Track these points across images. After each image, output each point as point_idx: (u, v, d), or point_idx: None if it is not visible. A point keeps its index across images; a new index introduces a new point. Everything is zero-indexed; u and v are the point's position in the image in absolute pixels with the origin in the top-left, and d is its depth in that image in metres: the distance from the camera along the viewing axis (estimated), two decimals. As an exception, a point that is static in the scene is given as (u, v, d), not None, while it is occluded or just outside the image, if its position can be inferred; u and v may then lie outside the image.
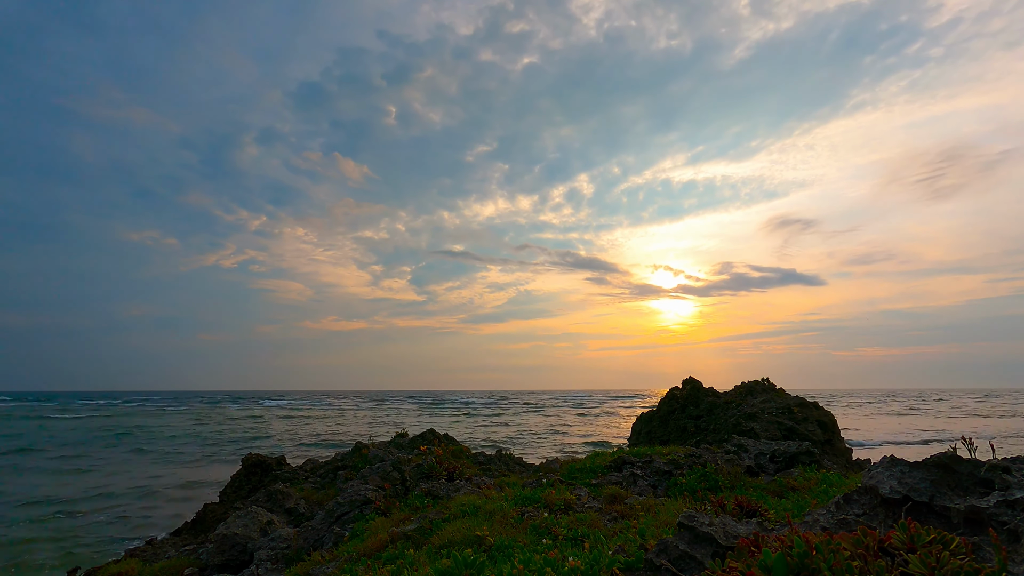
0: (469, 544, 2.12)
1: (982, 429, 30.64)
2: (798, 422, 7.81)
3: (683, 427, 9.62)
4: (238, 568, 3.39)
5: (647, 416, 10.59)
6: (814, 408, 8.15)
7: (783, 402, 8.45)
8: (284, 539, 3.27)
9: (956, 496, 1.06)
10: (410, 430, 7.69)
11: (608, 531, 2.27)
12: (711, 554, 1.30)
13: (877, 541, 0.91)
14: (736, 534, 1.35)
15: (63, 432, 36.98)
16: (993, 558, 0.83)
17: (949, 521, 1.04)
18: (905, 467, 1.16)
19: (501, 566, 1.73)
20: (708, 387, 10.19)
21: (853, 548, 0.90)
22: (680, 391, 10.23)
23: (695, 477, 3.19)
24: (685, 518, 1.38)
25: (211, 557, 3.74)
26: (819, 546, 0.89)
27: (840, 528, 1.13)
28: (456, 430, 24.04)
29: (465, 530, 2.26)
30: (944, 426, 32.83)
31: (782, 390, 9.25)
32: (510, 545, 2.08)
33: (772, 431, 7.69)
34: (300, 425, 34.72)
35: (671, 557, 1.33)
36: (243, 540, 3.57)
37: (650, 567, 1.37)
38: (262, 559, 3.11)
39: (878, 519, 1.13)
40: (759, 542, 1.08)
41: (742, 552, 1.06)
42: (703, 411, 9.61)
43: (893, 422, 35.34)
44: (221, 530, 3.67)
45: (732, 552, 1.12)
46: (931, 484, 1.10)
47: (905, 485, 1.11)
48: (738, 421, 8.19)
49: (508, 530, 2.36)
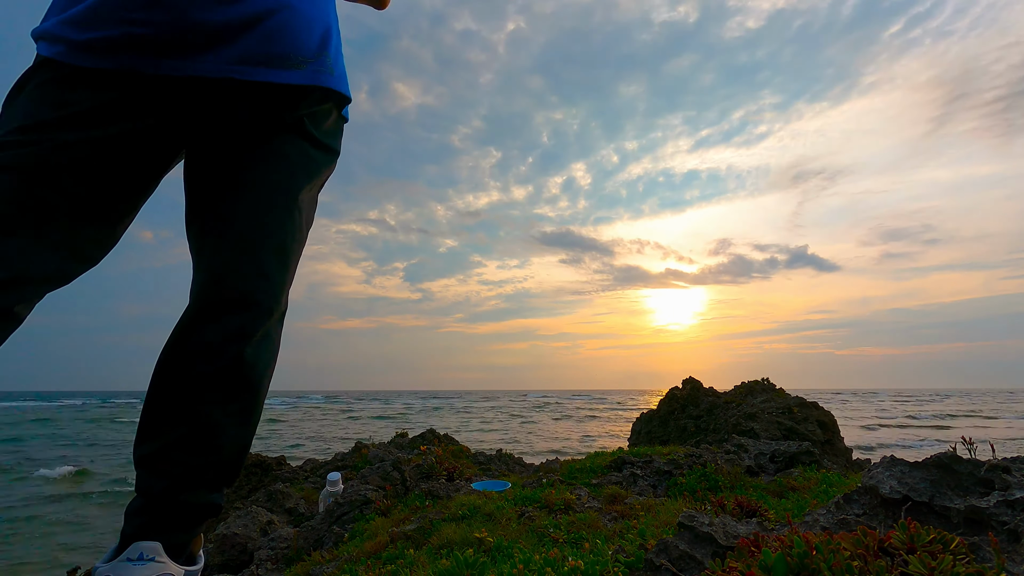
0: (469, 544, 2.12)
1: (983, 429, 30.69)
2: (798, 422, 7.81)
3: (683, 427, 9.62)
4: (238, 568, 3.40)
5: (647, 416, 10.59)
6: (814, 408, 8.16)
7: (783, 402, 8.45)
8: (284, 539, 3.28)
9: (956, 496, 1.06)
10: (410, 430, 7.71)
11: (608, 531, 2.27)
12: (711, 554, 1.30)
13: (877, 541, 0.91)
14: (736, 534, 1.35)
15: (65, 431, 37.03)
16: (993, 559, 0.83)
17: (949, 521, 1.04)
18: (905, 467, 1.16)
19: (501, 566, 1.72)
20: (708, 387, 10.20)
21: (853, 548, 0.89)
22: (680, 391, 10.24)
23: (695, 477, 3.19)
24: (685, 518, 1.38)
25: (211, 557, 3.75)
26: (819, 546, 0.89)
27: (840, 528, 1.13)
28: (456, 430, 24.12)
29: (465, 530, 2.27)
30: (944, 426, 32.87)
31: (782, 390, 9.26)
32: (510, 545, 2.08)
33: (772, 431, 7.69)
34: (300, 425, 34.73)
35: (671, 557, 1.33)
36: (243, 540, 3.58)
37: (650, 567, 1.36)
38: (262, 559, 3.11)
39: (878, 519, 1.13)
40: (759, 542, 1.08)
41: (742, 552, 1.06)
42: (703, 411, 9.61)
43: (894, 422, 35.37)
44: (221, 530, 3.68)
45: (732, 552, 1.12)
46: (931, 484, 1.09)
47: (905, 485, 1.11)
48: (738, 421, 8.19)
49: (508, 530, 2.36)
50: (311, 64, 1.07)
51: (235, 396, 1.03)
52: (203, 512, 1.04)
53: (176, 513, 0.99)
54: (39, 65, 0.94)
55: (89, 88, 0.92)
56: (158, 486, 0.98)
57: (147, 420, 1.03)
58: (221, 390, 1.01)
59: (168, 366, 1.02)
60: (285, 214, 1.09)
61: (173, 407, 1.01)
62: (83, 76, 0.92)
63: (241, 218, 1.04)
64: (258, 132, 1.08)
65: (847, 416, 38.30)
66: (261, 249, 1.04)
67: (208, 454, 1.02)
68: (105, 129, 0.92)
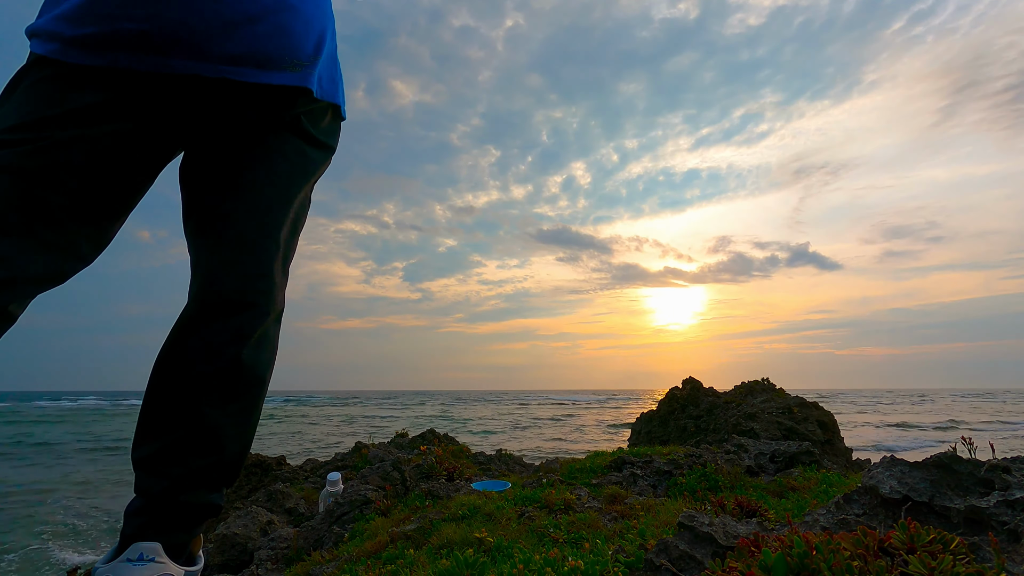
0: (469, 544, 2.12)
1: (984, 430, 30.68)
2: (798, 422, 7.81)
3: (683, 427, 9.63)
4: (238, 568, 3.41)
5: (647, 416, 10.60)
6: (814, 408, 8.16)
7: (783, 402, 8.45)
8: (284, 539, 3.28)
9: (956, 496, 1.06)
10: (410, 430, 7.71)
11: (608, 531, 2.27)
12: (711, 554, 1.30)
13: (877, 541, 0.91)
14: (736, 534, 1.35)
15: (65, 431, 37.02)
16: (993, 559, 0.83)
17: (949, 521, 1.04)
18: (905, 467, 1.16)
19: (501, 566, 1.72)
20: (708, 387, 10.20)
21: (853, 548, 0.89)
22: (680, 391, 10.24)
23: (695, 477, 3.19)
24: (685, 518, 1.38)
25: (211, 557, 3.76)
26: (819, 546, 0.89)
27: (840, 528, 1.13)
28: (455, 430, 24.11)
29: (465, 530, 2.27)
30: (945, 425, 32.86)
31: (782, 390, 9.26)
32: (510, 545, 2.08)
33: (772, 431, 7.69)
34: (299, 425, 34.74)
35: (671, 557, 1.33)
36: (243, 540, 3.58)
37: (650, 567, 1.36)
38: (262, 559, 3.11)
39: (878, 519, 1.13)
40: (759, 542, 1.08)
41: (742, 552, 1.06)
42: (703, 411, 9.61)
43: (894, 422, 35.37)
44: (221, 530, 3.68)
45: (732, 552, 1.12)
46: (931, 484, 1.09)
47: (905, 485, 1.11)
48: (738, 421, 8.19)
49: (508, 530, 2.36)
50: (307, 67, 1.06)
51: (235, 396, 1.04)
52: (203, 512, 1.03)
53: (176, 514, 0.99)
54: (33, 63, 0.93)
55: (83, 86, 0.91)
56: (157, 487, 0.98)
57: (145, 421, 1.02)
58: (220, 391, 1.01)
59: (166, 367, 1.02)
60: (283, 214, 1.09)
61: (172, 408, 1.00)
62: (77, 74, 0.91)
63: (239, 218, 1.04)
64: (255, 131, 1.07)
65: (847, 416, 38.31)
66: (259, 249, 1.04)
67: (208, 455, 1.01)
68: (100, 127, 0.92)
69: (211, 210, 1.06)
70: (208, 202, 1.06)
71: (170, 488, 0.98)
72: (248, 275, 1.02)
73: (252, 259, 1.03)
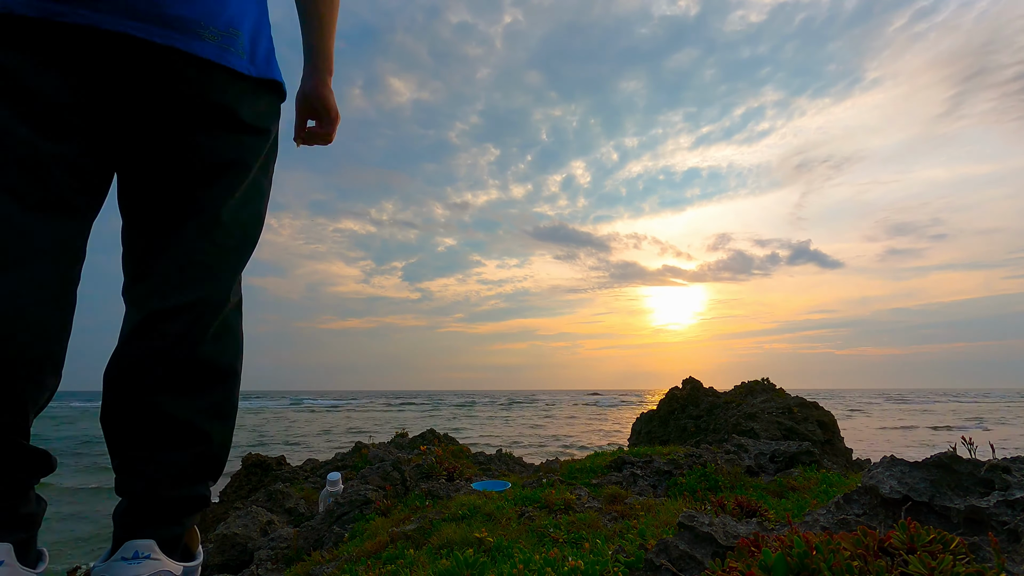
0: (469, 544, 2.12)
1: (984, 431, 30.69)
2: (798, 422, 7.81)
3: (683, 427, 9.62)
4: (238, 568, 3.40)
5: (647, 416, 10.59)
6: (814, 408, 8.16)
7: (783, 402, 8.45)
8: (284, 539, 3.27)
9: (956, 496, 1.06)
10: (410, 430, 7.71)
11: (608, 531, 2.27)
12: (711, 554, 1.30)
13: (877, 541, 0.91)
14: (736, 534, 1.34)
15: (65, 432, 37.02)
16: (993, 559, 0.83)
17: (949, 521, 1.04)
18: (905, 467, 1.16)
19: (501, 566, 1.72)
20: (708, 387, 10.20)
21: (853, 548, 0.89)
22: (680, 391, 10.23)
23: (695, 477, 3.19)
24: (685, 518, 1.38)
25: (211, 557, 3.76)
26: (819, 546, 0.89)
27: (840, 528, 1.13)
28: (455, 430, 24.11)
29: (465, 530, 2.27)
30: (945, 426, 32.87)
31: (782, 390, 9.26)
32: (510, 545, 2.08)
33: (772, 431, 7.68)
34: (299, 424, 34.73)
35: (671, 557, 1.33)
36: (243, 540, 3.58)
37: (650, 567, 1.36)
38: (262, 559, 3.11)
39: (878, 519, 1.13)
40: (759, 542, 1.08)
41: (742, 552, 1.06)
42: (703, 411, 9.61)
43: (895, 422, 35.38)
44: (221, 530, 3.68)
45: (732, 552, 1.12)
46: (931, 484, 1.09)
47: (905, 485, 1.11)
48: (738, 421, 8.19)
49: (508, 530, 2.36)
50: (223, 39, 0.96)
51: (203, 391, 1.01)
52: (190, 505, 1.01)
53: (162, 509, 0.97)
54: None
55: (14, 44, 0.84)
56: (139, 486, 0.96)
57: (112, 427, 0.98)
58: (186, 388, 0.98)
59: (124, 374, 0.97)
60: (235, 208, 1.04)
61: (138, 413, 0.96)
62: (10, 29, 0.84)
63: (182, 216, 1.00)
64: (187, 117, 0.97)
65: (847, 416, 38.31)
66: (209, 245, 1.01)
67: (181, 449, 0.99)
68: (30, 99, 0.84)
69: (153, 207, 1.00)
70: (150, 199, 1.01)
71: (149, 486, 0.96)
72: (197, 278, 1.00)
73: (202, 258, 1.00)
